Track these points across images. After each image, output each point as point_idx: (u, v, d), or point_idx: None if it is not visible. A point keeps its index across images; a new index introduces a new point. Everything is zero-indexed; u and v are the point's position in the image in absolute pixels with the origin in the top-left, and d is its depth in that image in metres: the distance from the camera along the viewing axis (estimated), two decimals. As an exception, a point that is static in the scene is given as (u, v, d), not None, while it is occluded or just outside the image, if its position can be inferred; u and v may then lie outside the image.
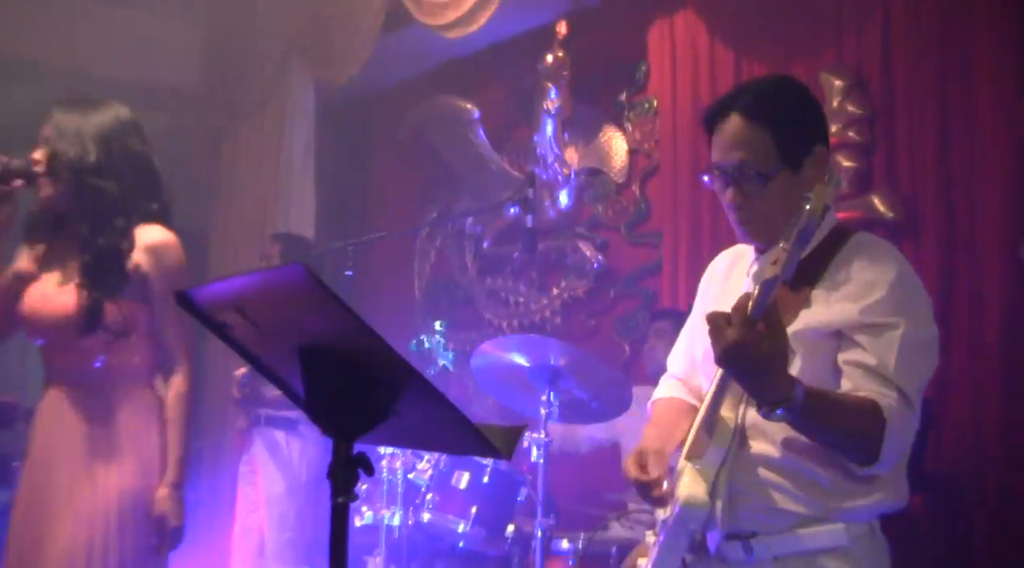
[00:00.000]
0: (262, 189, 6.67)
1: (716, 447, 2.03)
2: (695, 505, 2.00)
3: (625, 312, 5.31)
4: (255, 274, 1.59)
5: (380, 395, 1.59)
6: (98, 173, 2.82)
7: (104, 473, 2.82)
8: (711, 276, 2.42)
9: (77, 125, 2.85)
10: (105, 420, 2.86)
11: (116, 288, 2.83)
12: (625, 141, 5.35)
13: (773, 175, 2.09)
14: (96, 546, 2.77)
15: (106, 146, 2.84)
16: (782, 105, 2.16)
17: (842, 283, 2.05)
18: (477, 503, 4.15)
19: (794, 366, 1.99)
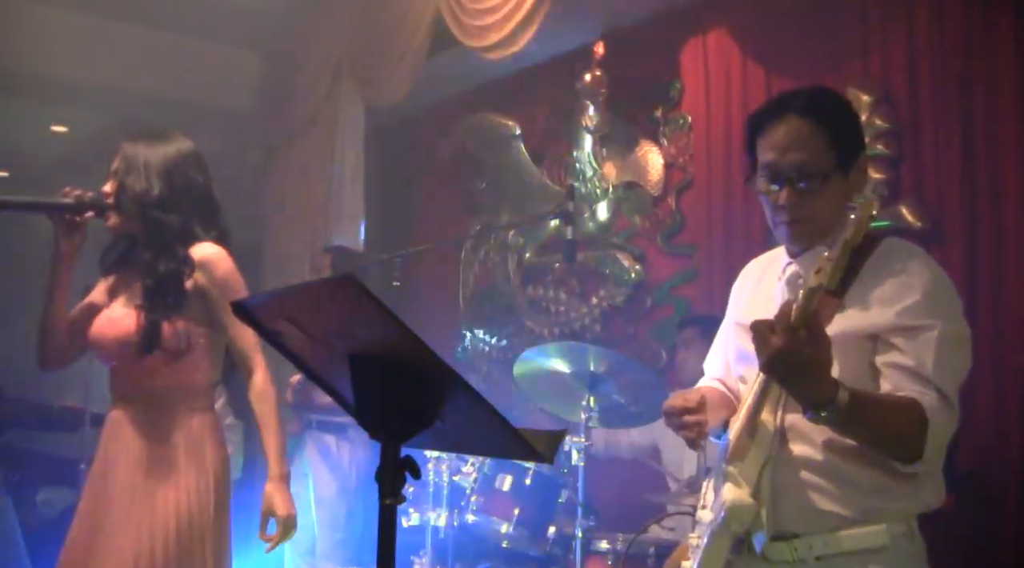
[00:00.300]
0: (313, 204, 6.78)
1: (757, 450, 2.04)
2: (741, 508, 2.01)
3: (661, 319, 5.35)
4: (306, 285, 1.64)
5: (426, 401, 1.62)
6: (161, 206, 2.90)
7: (160, 491, 2.86)
8: (743, 282, 2.42)
9: (143, 158, 2.93)
10: (163, 438, 2.91)
11: (174, 309, 2.88)
12: (661, 156, 5.39)
13: (830, 175, 2.09)
14: (143, 564, 2.80)
15: (169, 179, 2.92)
16: (837, 107, 2.17)
17: (875, 287, 2.05)
18: (520, 505, 4.21)
19: (832, 369, 1.98)
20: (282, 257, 7.07)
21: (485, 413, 1.60)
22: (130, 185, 2.93)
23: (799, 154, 2.09)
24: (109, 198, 2.96)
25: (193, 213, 2.96)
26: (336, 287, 1.53)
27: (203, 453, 2.95)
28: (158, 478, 2.88)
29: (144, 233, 2.94)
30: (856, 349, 2.04)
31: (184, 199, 2.95)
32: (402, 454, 1.64)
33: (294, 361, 1.75)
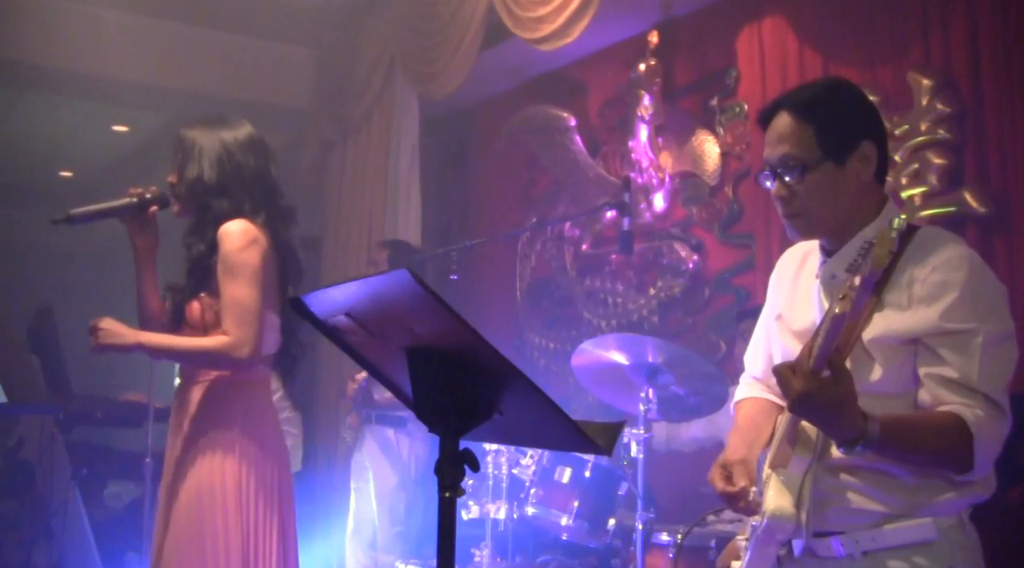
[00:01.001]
0: (370, 198, 6.83)
1: (799, 457, 2.04)
2: (782, 517, 2.02)
3: (720, 310, 5.33)
4: (363, 280, 1.59)
5: (484, 394, 1.62)
6: (212, 190, 2.96)
7: (183, 462, 2.92)
8: (780, 275, 2.40)
9: (198, 144, 2.99)
10: (189, 411, 2.97)
11: (200, 286, 2.94)
12: (717, 145, 5.36)
13: (812, 167, 2.10)
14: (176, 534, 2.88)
15: (221, 164, 2.98)
16: (828, 100, 2.17)
17: (912, 284, 2.02)
18: (579, 497, 4.20)
19: (874, 373, 2.02)
20: (340, 252, 7.14)
21: (543, 406, 1.60)
22: (186, 172, 3.00)
23: (783, 147, 2.12)
24: (172, 186, 3.05)
25: (245, 196, 2.99)
26: (393, 281, 1.52)
27: (227, 424, 2.96)
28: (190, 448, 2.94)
29: (197, 213, 3.01)
30: (898, 352, 2.03)
31: (235, 183, 2.99)
32: (461, 447, 1.65)
33: (352, 355, 1.76)
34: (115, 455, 6.50)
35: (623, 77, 5.72)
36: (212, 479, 2.89)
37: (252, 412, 3.00)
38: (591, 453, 3.81)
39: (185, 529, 2.87)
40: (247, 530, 2.90)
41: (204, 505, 2.88)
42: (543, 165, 6.51)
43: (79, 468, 5.86)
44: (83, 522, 5.67)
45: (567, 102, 6.33)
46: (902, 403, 2.03)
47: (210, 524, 2.86)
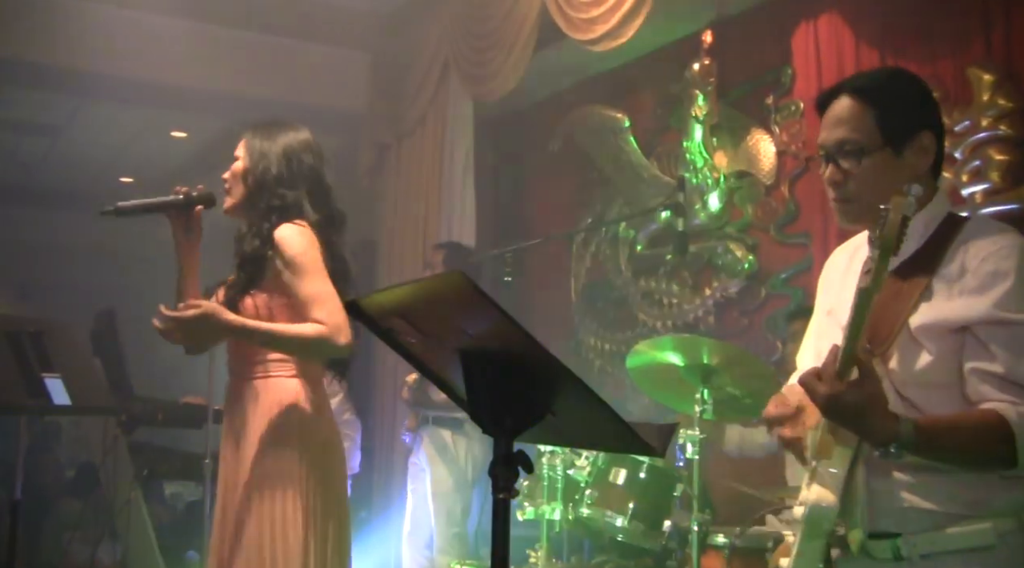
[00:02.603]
0: (425, 201, 6.86)
1: (842, 447, 2.01)
2: (822, 506, 2.01)
3: (776, 310, 5.28)
4: (418, 283, 1.67)
5: (538, 396, 1.63)
6: (278, 185, 3.05)
7: (244, 461, 2.96)
8: (829, 272, 2.38)
9: (263, 145, 3.10)
10: (248, 410, 3.01)
11: (252, 283, 3.00)
12: (772, 143, 5.31)
13: (870, 152, 2.07)
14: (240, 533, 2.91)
15: (287, 162, 3.08)
16: (891, 86, 2.15)
17: (962, 273, 2.00)
18: (634, 498, 4.21)
19: (921, 361, 1.99)
20: (396, 254, 7.18)
21: (597, 407, 1.60)
22: (251, 168, 3.09)
23: (841, 131, 2.10)
24: (227, 183, 3.14)
25: (304, 197, 3.08)
26: (446, 283, 1.56)
27: (283, 419, 2.99)
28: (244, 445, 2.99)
29: (250, 212, 3.09)
30: (947, 340, 1.99)
31: (299, 181, 3.08)
32: (515, 449, 1.66)
33: (407, 357, 1.78)
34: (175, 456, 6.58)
35: (677, 77, 5.69)
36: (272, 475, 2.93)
37: (311, 410, 3.04)
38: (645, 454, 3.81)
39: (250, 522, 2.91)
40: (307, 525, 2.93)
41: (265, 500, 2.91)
42: (597, 166, 6.50)
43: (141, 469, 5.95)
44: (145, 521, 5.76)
45: (621, 103, 6.31)
46: (953, 394, 2.00)
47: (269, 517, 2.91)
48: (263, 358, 3.02)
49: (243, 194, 3.11)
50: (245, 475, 2.96)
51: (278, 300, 3.00)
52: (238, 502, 2.96)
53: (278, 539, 2.90)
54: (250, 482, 2.95)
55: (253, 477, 2.95)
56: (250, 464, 2.96)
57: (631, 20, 5.00)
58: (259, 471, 2.94)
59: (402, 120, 7.11)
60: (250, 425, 3.00)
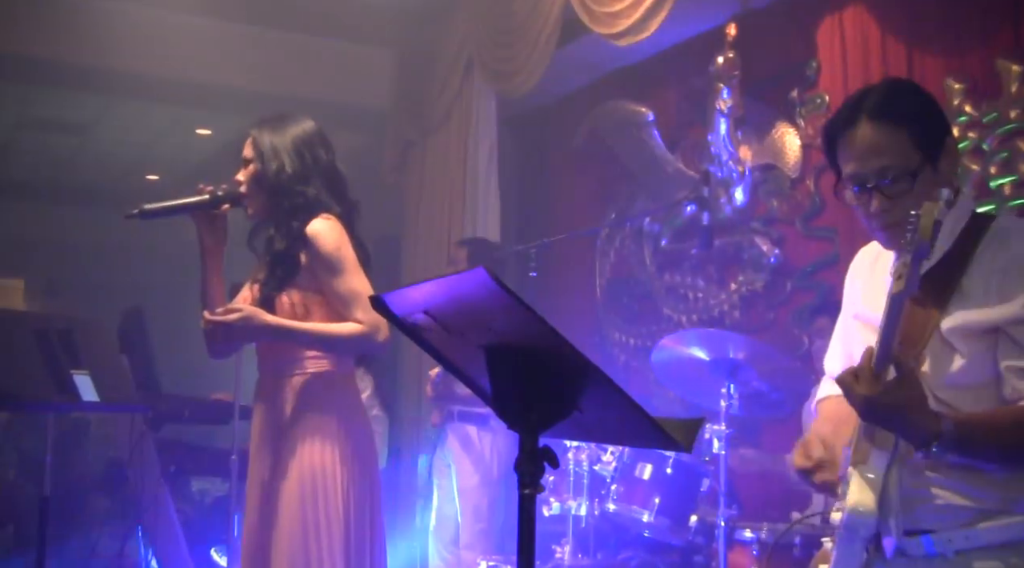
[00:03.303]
0: (449, 197, 6.87)
1: (879, 451, 2.00)
2: (861, 511, 1.99)
3: (802, 304, 5.25)
4: (442, 279, 1.60)
5: (563, 391, 1.63)
6: (295, 181, 3.04)
7: (283, 457, 2.98)
8: (853, 275, 2.36)
9: (272, 141, 3.08)
10: (285, 407, 3.02)
11: (286, 281, 3.00)
12: (798, 137, 5.28)
13: (917, 172, 2.02)
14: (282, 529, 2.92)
15: (300, 156, 3.07)
16: (909, 101, 2.09)
17: (993, 272, 1.99)
18: (660, 494, 4.21)
19: (955, 364, 1.98)
20: (420, 250, 7.19)
21: (622, 402, 1.59)
22: (264, 167, 3.08)
23: (881, 159, 2.03)
24: (242, 185, 3.12)
25: (323, 186, 3.09)
26: (470, 279, 1.53)
27: (322, 417, 3.01)
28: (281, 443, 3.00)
29: (275, 212, 3.08)
30: (980, 341, 1.98)
31: (314, 174, 3.08)
32: (540, 444, 1.65)
33: (432, 353, 1.78)
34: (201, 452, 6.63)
35: (701, 71, 5.66)
36: (315, 470, 2.95)
37: (346, 405, 3.07)
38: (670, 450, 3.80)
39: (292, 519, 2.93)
40: (347, 520, 2.96)
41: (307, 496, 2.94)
42: (621, 160, 6.48)
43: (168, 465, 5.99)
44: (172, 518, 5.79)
45: (645, 97, 6.29)
46: (987, 394, 1.99)
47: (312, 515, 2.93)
48: (298, 356, 3.04)
49: (264, 197, 3.10)
50: (283, 472, 2.98)
51: (313, 297, 3.02)
52: (277, 499, 2.97)
53: (323, 534, 2.92)
54: (289, 479, 2.96)
55: (292, 474, 2.96)
56: (288, 461, 2.98)
57: (655, 14, 4.98)
58: (298, 467, 2.96)
59: (426, 116, 7.12)
60: (287, 422, 3.02)
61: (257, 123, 3.16)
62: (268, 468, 3.03)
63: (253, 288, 3.11)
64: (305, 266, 3.01)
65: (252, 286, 3.12)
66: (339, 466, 2.97)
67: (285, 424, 3.01)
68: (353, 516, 2.98)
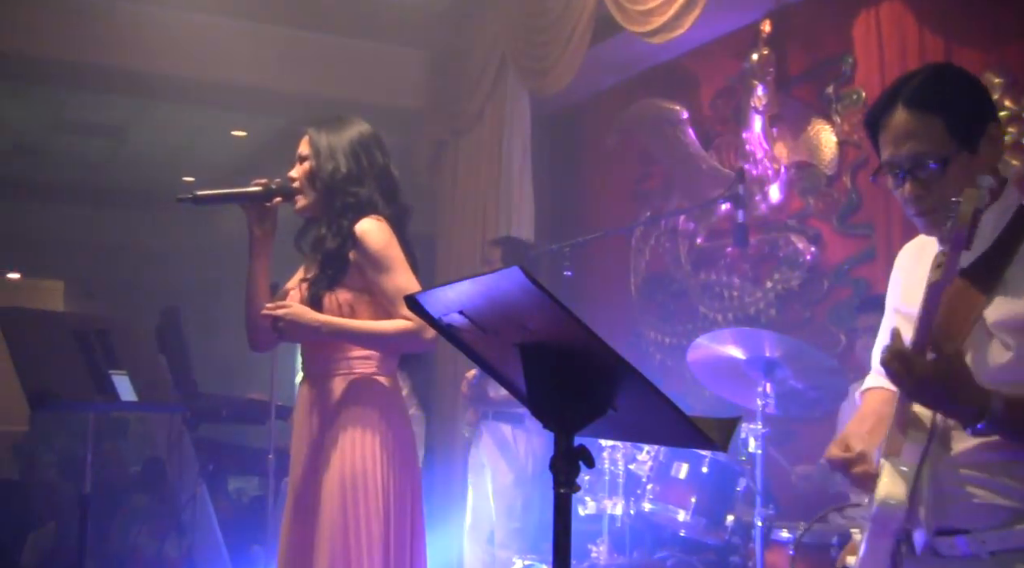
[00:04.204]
0: (483, 196, 6.88)
1: (912, 444, 2.00)
2: (892, 504, 1.97)
3: (839, 302, 5.21)
4: (476, 278, 1.60)
5: (598, 390, 1.63)
6: (349, 182, 3.06)
7: (327, 458, 2.99)
8: (898, 267, 2.36)
9: (329, 141, 3.11)
10: (328, 407, 3.03)
11: (335, 281, 3.02)
12: (834, 133, 5.23)
13: (949, 159, 2.02)
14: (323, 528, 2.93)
15: (355, 158, 3.09)
16: (947, 87, 2.09)
17: None
18: (696, 493, 4.20)
19: (1000, 356, 1.96)
20: (454, 250, 7.21)
21: (657, 401, 1.59)
22: (319, 166, 3.10)
23: (914, 145, 2.04)
24: (295, 182, 3.14)
25: (376, 189, 3.10)
26: (505, 278, 1.53)
27: (367, 418, 3.03)
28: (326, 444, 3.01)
29: (326, 211, 3.09)
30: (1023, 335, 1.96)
31: (368, 176, 3.10)
32: (576, 443, 1.65)
33: (467, 353, 1.78)
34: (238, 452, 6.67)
35: (735, 67, 5.63)
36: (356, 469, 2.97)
37: (389, 405, 3.08)
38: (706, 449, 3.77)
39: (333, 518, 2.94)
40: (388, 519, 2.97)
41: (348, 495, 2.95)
42: (655, 159, 6.46)
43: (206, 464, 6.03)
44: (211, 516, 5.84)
45: (678, 94, 6.26)
46: None
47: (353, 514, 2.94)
48: (344, 356, 3.06)
49: (315, 194, 3.12)
50: (325, 471, 2.99)
51: (360, 296, 3.04)
52: (318, 498, 2.98)
53: (363, 534, 2.94)
54: (331, 478, 2.98)
55: (334, 473, 2.98)
56: (331, 460, 2.99)
57: (688, 11, 4.96)
58: (340, 466, 2.98)
59: (459, 116, 7.13)
60: (330, 422, 3.03)
61: (315, 122, 3.18)
62: (310, 467, 3.04)
63: (301, 287, 3.12)
64: (353, 265, 3.03)
65: (300, 285, 3.13)
66: (381, 465, 2.99)
67: (328, 424, 3.03)
68: (394, 515, 2.99)
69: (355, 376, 3.05)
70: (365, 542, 2.92)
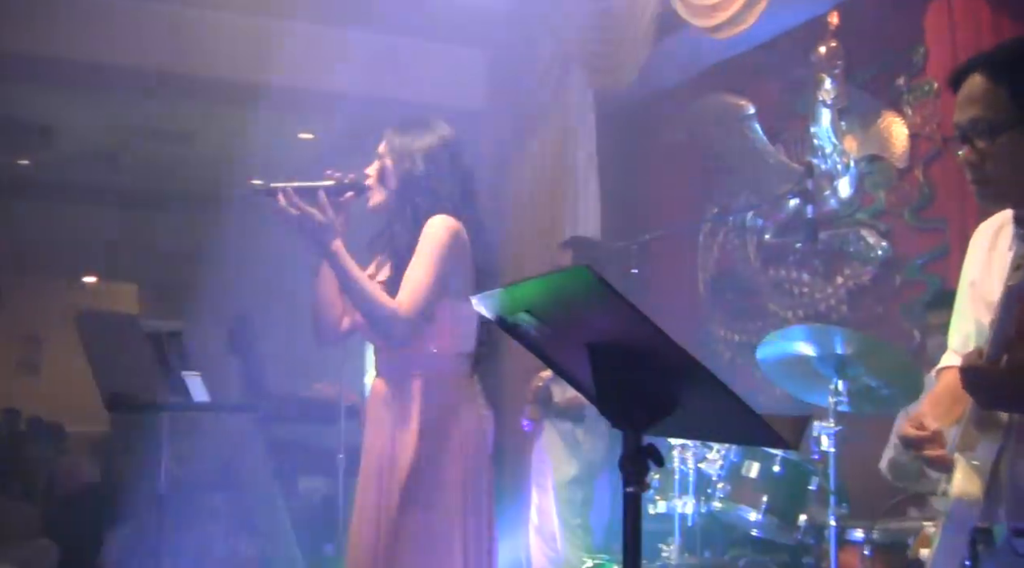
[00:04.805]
0: (549, 195, 6.86)
1: (988, 442, 1.97)
2: (967, 501, 1.96)
3: (912, 298, 5.12)
4: (544, 277, 1.63)
5: (667, 389, 1.63)
6: (423, 183, 3.08)
7: (401, 457, 2.99)
8: (974, 246, 2.30)
9: (407, 143, 3.13)
10: (401, 407, 3.04)
11: None
12: (905, 125, 5.14)
13: (1004, 129, 2.00)
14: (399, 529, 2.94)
15: (433, 160, 3.10)
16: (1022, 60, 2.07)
17: None
18: (768, 492, 4.16)
19: None
20: (520, 250, 7.19)
21: (726, 400, 1.58)
22: (395, 166, 3.12)
23: (973, 109, 2.04)
24: (370, 179, 3.16)
25: (453, 192, 3.11)
26: (572, 278, 1.55)
27: (439, 418, 3.04)
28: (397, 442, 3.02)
29: (400, 210, 3.11)
30: None
31: (444, 179, 3.11)
32: (644, 442, 1.64)
33: (535, 352, 1.79)
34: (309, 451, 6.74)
35: (803, 61, 5.56)
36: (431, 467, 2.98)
37: (463, 404, 3.10)
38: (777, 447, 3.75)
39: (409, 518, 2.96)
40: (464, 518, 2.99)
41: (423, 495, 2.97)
42: (722, 155, 6.40)
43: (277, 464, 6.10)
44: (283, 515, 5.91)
45: (745, 89, 6.20)
46: None
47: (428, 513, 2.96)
48: (416, 358, 3.07)
49: (389, 193, 3.14)
50: (401, 470, 3.00)
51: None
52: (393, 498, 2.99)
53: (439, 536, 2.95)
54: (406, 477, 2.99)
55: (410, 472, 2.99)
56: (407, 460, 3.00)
57: (753, 5, 4.93)
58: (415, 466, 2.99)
59: (523, 115, 7.12)
60: (406, 421, 3.04)
61: (395, 124, 3.21)
62: (383, 466, 3.05)
63: None
64: None
65: None
66: (455, 463, 3.01)
67: (402, 423, 3.04)
68: (470, 513, 3.00)
69: (428, 375, 3.06)
70: (443, 541, 2.94)
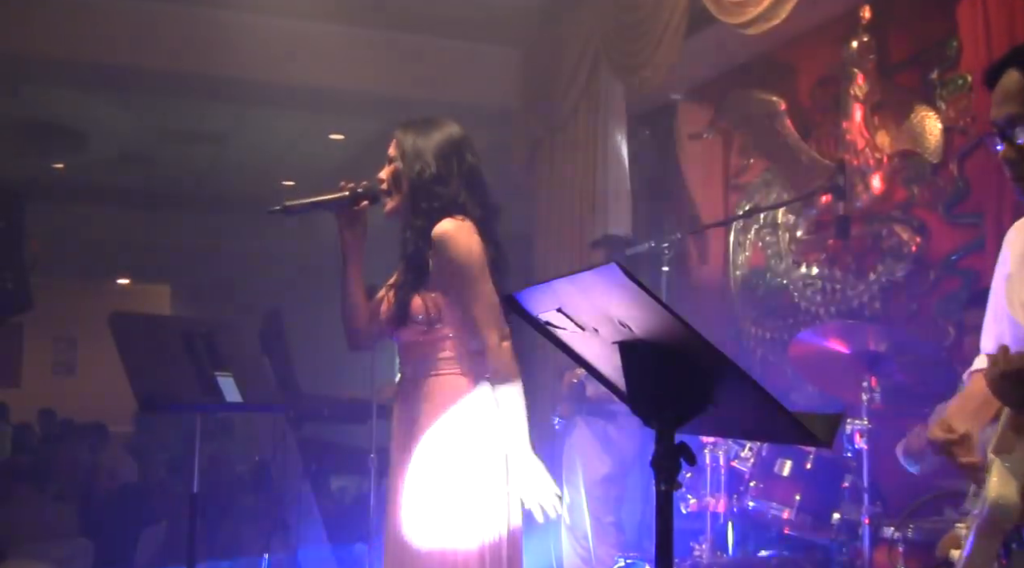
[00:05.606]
0: (579, 192, 6.86)
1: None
2: (1005, 505, 1.94)
3: (947, 294, 5.05)
4: (574, 275, 1.59)
5: (699, 387, 1.61)
6: (435, 184, 3.06)
7: (423, 456, 3.00)
8: (1008, 242, 2.31)
9: (416, 143, 3.10)
10: (422, 406, 3.05)
11: (419, 283, 3.02)
12: (939, 120, 5.07)
13: None
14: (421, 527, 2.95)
15: (444, 160, 3.08)
16: None
17: None
18: (801, 490, 4.14)
19: None
20: (552, 247, 7.21)
21: (759, 397, 1.57)
22: (406, 167, 3.10)
23: (1010, 106, 2.03)
24: (383, 183, 3.16)
25: (463, 190, 3.10)
26: (602, 276, 1.53)
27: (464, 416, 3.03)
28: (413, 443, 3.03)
29: (412, 212, 3.10)
30: None
31: (455, 177, 3.09)
32: (676, 440, 1.64)
33: (565, 350, 1.78)
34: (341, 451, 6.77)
35: (834, 56, 5.51)
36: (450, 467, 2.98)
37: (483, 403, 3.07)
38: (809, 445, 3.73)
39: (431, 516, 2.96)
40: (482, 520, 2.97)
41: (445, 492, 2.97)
42: (753, 151, 6.37)
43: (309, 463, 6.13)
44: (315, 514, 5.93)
45: (776, 85, 6.16)
46: None
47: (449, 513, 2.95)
48: (434, 357, 3.07)
49: (403, 196, 3.12)
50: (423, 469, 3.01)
51: (443, 300, 3.04)
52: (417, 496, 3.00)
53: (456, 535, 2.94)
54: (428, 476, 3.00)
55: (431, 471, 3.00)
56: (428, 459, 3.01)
57: (784, 1, 4.87)
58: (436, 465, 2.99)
59: (554, 113, 7.12)
60: (421, 422, 3.05)
61: (403, 124, 3.19)
62: (407, 466, 3.06)
63: (388, 295, 3.14)
64: (435, 268, 3.03)
65: (388, 293, 3.16)
66: (475, 462, 3.00)
67: (423, 423, 3.05)
68: (490, 514, 2.99)
69: (444, 376, 3.06)
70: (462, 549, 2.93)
